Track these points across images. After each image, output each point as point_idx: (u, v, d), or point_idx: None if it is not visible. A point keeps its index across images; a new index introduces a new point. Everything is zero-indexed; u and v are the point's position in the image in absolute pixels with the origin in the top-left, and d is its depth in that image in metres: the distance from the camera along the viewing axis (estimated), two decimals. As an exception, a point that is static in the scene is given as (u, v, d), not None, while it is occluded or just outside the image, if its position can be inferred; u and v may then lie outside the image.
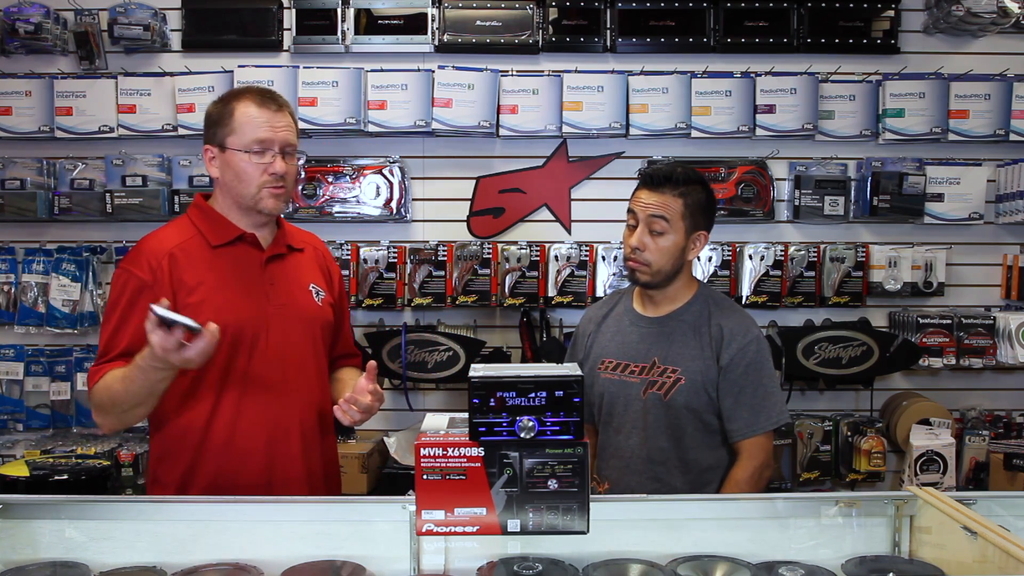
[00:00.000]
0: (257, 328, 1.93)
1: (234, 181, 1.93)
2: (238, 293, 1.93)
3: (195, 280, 1.90)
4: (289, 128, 1.96)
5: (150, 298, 1.77)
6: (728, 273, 3.19)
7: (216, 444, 1.92)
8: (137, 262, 1.91)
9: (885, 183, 3.15)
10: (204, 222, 1.98)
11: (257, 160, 1.91)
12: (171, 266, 1.89)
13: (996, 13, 3.07)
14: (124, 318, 1.88)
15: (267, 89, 2.00)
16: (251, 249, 1.98)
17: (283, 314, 1.97)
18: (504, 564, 1.57)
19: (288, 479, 1.97)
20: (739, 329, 2.11)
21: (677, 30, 3.19)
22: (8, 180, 3.14)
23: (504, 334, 3.28)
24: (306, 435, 2.00)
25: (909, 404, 3.13)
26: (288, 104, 2.01)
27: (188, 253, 1.93)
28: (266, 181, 1.91)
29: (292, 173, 1.97)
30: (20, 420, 3.16)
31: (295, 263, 2.06)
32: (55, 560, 1.58)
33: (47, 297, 3.13)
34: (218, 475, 1.92)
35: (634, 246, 2.10)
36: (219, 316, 1.77)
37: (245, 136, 1.90)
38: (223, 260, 1.95)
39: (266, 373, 1.94)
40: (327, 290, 2.10)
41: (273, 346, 1.94)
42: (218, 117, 1.94)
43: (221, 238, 1.96)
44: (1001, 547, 1.36)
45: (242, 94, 1.95)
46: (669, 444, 2.12)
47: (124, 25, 3.08)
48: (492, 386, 1.41)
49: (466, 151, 3.27)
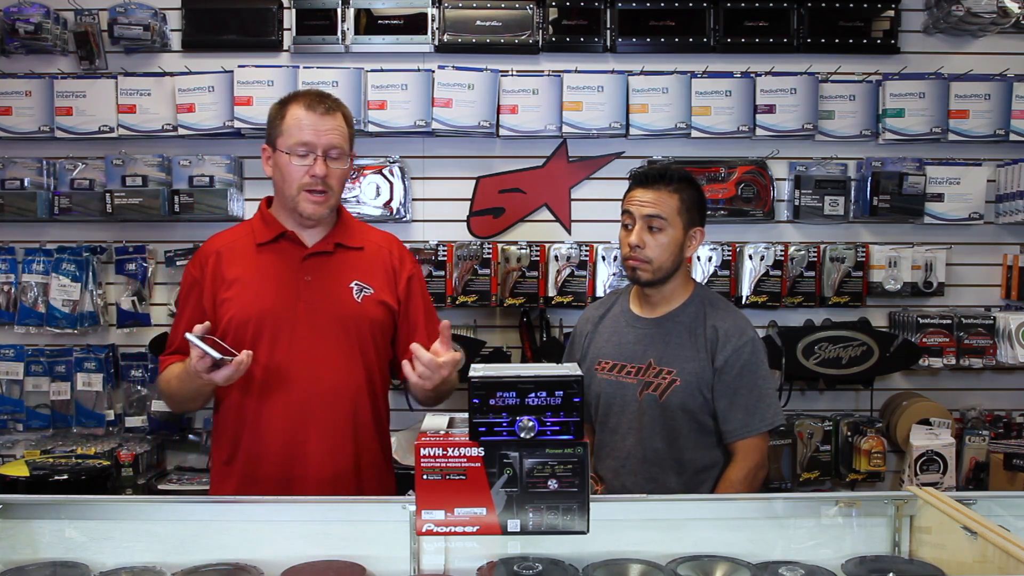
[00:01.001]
0: (280, 323, 1.96)
1: (280, 181, 2.01)
2: (268, 288, 1.98)
3: (233, 276, 2.00)
4: (335, 131, 1.97)
5: (199, 293, 2.01)
6: (728, 273, 3.19)
7: (244, 438, 1.99)
8: (194, 260, 2.08)
9: (885, 183, 3.15)
10: (259, 222, 2.08)
11: (298, 162, 1.95)
12: (216, 263, 2.02)
13: (996, 13, 3.07)
14: (181, 312, 2.07)
15: (322, 92, 2.03)
16: (292, 246, 2.03)
17: (312, 309, 1.98)
18: (504, 564, 1.57)
19: (308, 477, 1.96)
20: (734, 330, 2.11)
21: (677, 30, 3.19)
22: (8, 180, 3.14)
23: (504, 334, 3.28)
24: (334, 432, 1.99)
25: (909, 404, 3.13)
26: (342, 107, 2.02)
27: (234, 251, 2.04)
28: (306, 183, 1.95)
29: (336, 176, 1.98)
30: (20, 420, 3.16)
31: (343, 260, 2.05)
32: (55, 560, 1.58)
33: (47, 297, 3.12)
34: (247, 465, 1.98)
35: (634, 244, 2.10)
36: (243, 310, 1.95)
37: (291, 138, 1.96)
38: (264, 257, 2.02)
39: (290, 367, 1.96)
40: (381, 288, 2.06)
41: (299, 341, 1.96)
42: (272, 118, 2.02)
43: (264, 236, 2.04)
44: (1001, 547, 1.36)
45: (297, 96, 2.01)
46: (664, 445, 2.12)
47: (124, 25, 3.08)
48: (492, 386, 1.41)
49: (466, 151, 3.27)
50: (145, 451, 3.11)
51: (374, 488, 2.07)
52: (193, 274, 2.05)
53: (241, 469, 1.99)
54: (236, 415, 2.00)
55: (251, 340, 1.93)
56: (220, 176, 3.14)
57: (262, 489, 1.95)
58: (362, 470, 2.03)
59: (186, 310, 2.04)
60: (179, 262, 3.17)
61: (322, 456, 1.97)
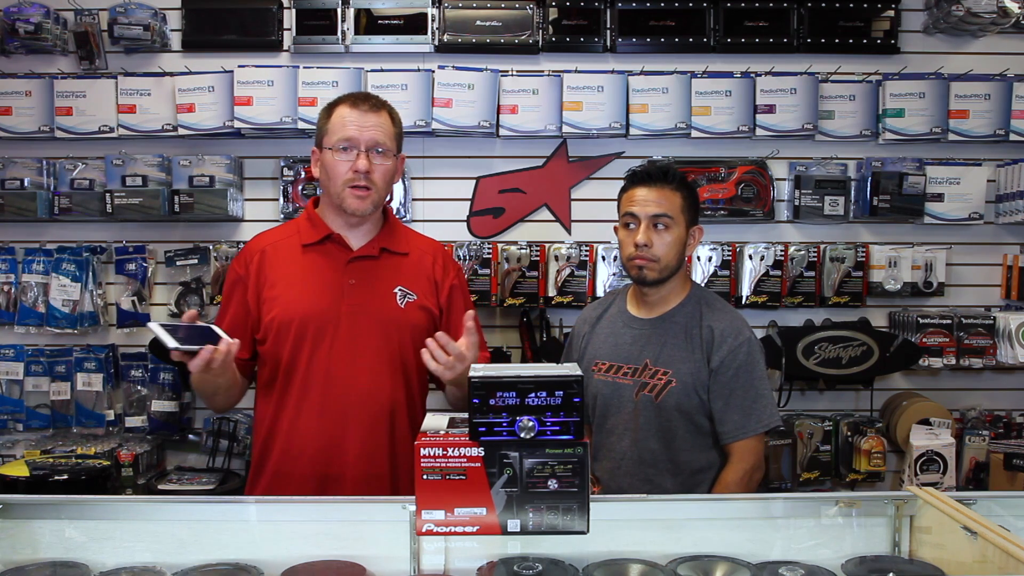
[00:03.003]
0: (324, 325, 1.97)
1: (325, 179, 2.02)
2: (312, 290, 2.00)
3: (277, 276, 2.02)
4: (379, 128, 1.99)
5: (243, 289, 2.03)
6: (728, 273, 3.19)
7: (280, 436, 2.00)
8: (239, 257, 2.10)
9: (885, 183, 3.15)
10: (305, 223, 2.09)
11: (342, 157, 1.97)
12: (261, 261, 2.04)
13: (996, 13, 3.07)
14: (225, 308, 2.08)
15: (367, 93, 2.07)
16: (337, 249, 2.04)
17: (356, 312, 1.99)
18: (504, 564, 1.57)
19: (344, 477, 1.97)
20: (730, 331, 2.11)
21: (677, 30, 3.19)
22: (8, 180, 3.14)
23: (504, 334, 3.28)
24: (372, 436, 2.00)
25: (909, 404, 3.13)
26: (388, 106, 2.05)
27: (279, 250, 2.05)
28: (350, 179, 1.96)
29: (380, 173, 2.00)
30: (20, 420, 3.16)
31: (388, 265, 2.06)
32: (55, 560, 1.58)
33: (47, 297, 3.12)
34: (280, 465, 2.00)
35: (641, 243, 2.10)
36: (286, 311, 1.98)
37: (335, 135, 1.98)
38: (309, 258, 2.03)
39: (331, 370, 1.97)
40: (424, 295, 2.07)
41: (341, 344, 1.97)
42: (320, 121, 2.05)
43: (311, 237, 2.04)
44: (1001, 547, 1.36)
45: (343, 97, 2.05)
46: (660, 446, 2.12)
47: (124, 25, 3.08)
48: (492, 386, 1.41)
49: (466, 151, 3.27)
50: (145, 451, 3.11)
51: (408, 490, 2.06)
52: (238, 271, 2.06)
53: (275, 467, 2.01)
54: (274, 414, 2.02)
55: (294, 341, 1.97)
56: (220, 176, 3.14)
57: (296, 487, 1.97)
58: (399, 472, 2.03)
59: (230, 307, 2.06)
60: (179, 262, 3.17)
61: (358, 457, 1.98)
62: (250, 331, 2.04)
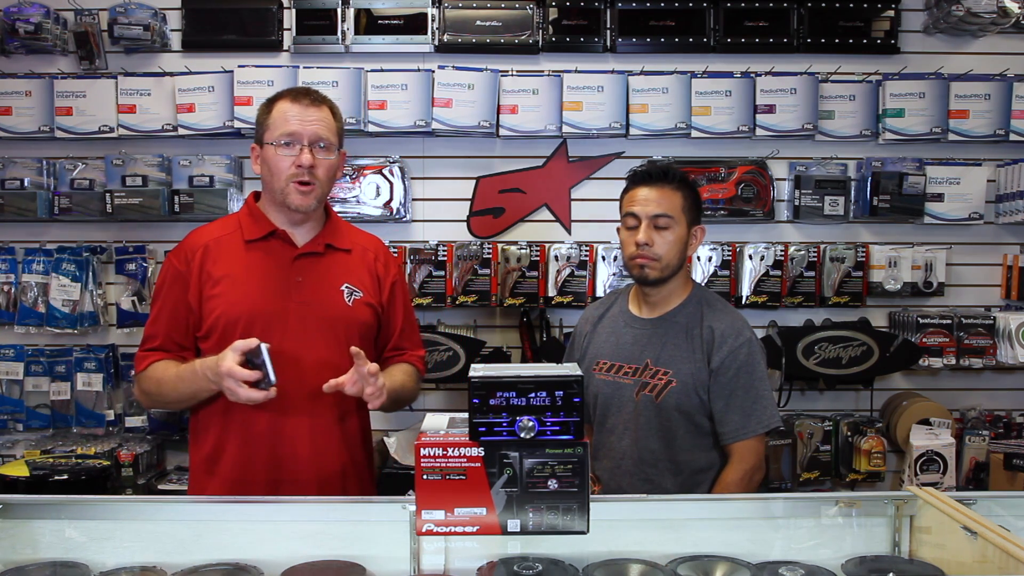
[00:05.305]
0: (271, 322, 1.94)
1: (267, 175, 1.99)
2: (258, 288, 1.96)
3: (221, 272, 1.97)
4: (321, 122, 1.96)
5: (183, 286, 1.96)
6: (728, 273, 3.19)
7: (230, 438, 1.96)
8: (178, 252, 2.02)
9: (885, 183, 3.15)
10: (247, 218, 2.04)
11: (284, 152, 1.95)
12: (203, 258, 1.98)
13: (996, 13, 3.07)
14: (163, 304, 2.00)
15: (307, 88, 2.03)
16: (283, 245, 2.01)
17: (304, 311, 1.97)
18: (504, 564, 1.57)
19: (296, 480, 1.95)
20: (730, 331, 2.11)
21: (677, 30, 3.19)
22: (8, 180, 3.14)
23: (504, 334, 3.28)
24: (321, 435, 1.98)
25: (909, 404, 3.13)
26: (328, 101, 2.02)
27: (222, 246, 2.00)
28: (293, 174, 1.94)
29: (324, 167, 1.98)
30: (20, 420, 3.16)
31: (333, 262, 2.04)
32: (55, 560, 1.58)
33: (47, 297, 3.12)
34: (233, 468, 1.96)
35: (642, 242, 2.10)
36: (233, 308, 1.92)
37: (277, 130, 1.96)
38: (253, 255, 2.00)
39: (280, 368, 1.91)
40: (369, 292, 2.07)
41: (289, 342, 1.94)
42: (261, 117, 2.01)
43: (254, 233, 2.01)
44: (1001, 547, 1.36)
45: (283, 93, 2.01)
46: (660, 446, 2.12)
47: (124, 25, 3.08)
48: (492, 386, 1.41)
49: (466, 151, 3.27)
50: (145, 451, 3.11)
51: (356, 490, 2.07)
52: (177, 267, 1.99)
53: (228, 472, 1.96)
54: (222, 415, 1.96)
55: (239, 338, 1.90)
56: (220, 176, 3.14)
57: (249, 492, 1.94)
58: (347, 473, 2.03)
59: (168, 303, 1.99)
60: (179, 262, 3.17)
61: (310, 459, 1.96)
62: (191, 329, 1.99)
